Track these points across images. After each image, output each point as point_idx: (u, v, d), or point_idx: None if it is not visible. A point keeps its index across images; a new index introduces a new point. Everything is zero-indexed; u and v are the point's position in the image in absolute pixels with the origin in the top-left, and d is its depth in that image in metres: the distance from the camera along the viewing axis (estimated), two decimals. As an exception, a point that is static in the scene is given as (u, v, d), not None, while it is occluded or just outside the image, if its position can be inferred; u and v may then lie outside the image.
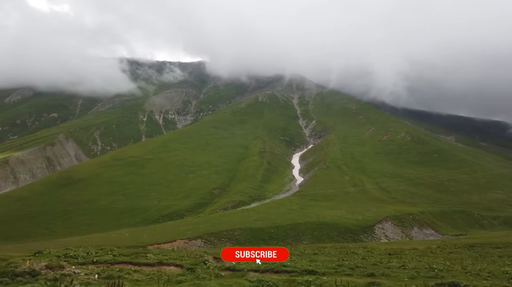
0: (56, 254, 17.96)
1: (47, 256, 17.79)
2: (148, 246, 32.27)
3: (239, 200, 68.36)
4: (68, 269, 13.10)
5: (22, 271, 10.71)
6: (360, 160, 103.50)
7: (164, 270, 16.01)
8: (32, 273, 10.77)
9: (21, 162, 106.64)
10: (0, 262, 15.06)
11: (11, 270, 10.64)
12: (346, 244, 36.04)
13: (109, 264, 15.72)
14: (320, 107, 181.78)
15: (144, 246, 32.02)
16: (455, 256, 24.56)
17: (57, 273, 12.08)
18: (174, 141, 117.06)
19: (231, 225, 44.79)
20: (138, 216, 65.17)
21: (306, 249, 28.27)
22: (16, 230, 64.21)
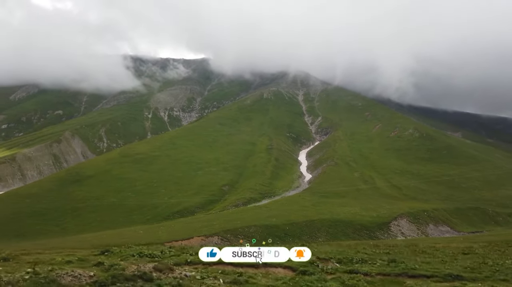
0: (129, 253, 17.05)
1: (118, 255, 16.86)
2: (166, 243, 31.74)
3: (250, 197, 67.90)
4: (178, 272, 12.02)
5: (132, 275, 9.90)
6: (369, 156, 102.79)
7: (273, 272, 14.61)
8: (143, 276, 9.94)
9: (28, 159, 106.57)
10: (83, 263, 14.24)
11: (120, 273, 9.89)
12: (377, 241, 35.29)
13: (206, 265, 14.43)
14: (325, 104, 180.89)
15: (162, 243, 31.54)
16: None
17: (169, 277, 11.11)
18: (181, 138, 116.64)
19: (245, 222, 44.32)
20: (149, 213, 64.83)
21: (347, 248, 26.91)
22: (27, 227, 63.98)
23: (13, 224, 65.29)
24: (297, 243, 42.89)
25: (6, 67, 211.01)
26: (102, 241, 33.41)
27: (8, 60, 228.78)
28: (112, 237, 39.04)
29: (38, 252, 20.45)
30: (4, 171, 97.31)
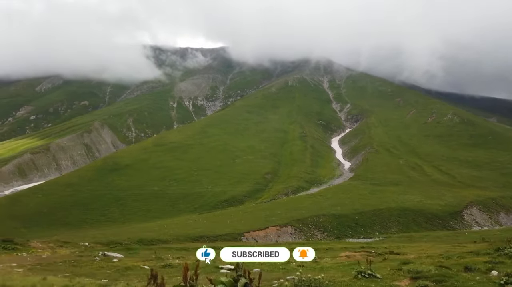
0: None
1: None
2: (245, 233, 29.60)
3: (297, 185, 65.50)
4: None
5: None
6: (409, 143, 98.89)
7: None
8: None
9: (61, 149, 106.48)
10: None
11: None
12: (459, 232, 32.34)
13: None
14: (352, 90, 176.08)
15: (242, 233, 29.38)
16: None
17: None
18: (211, 126, 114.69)
19: (310, 211, 41.99)
20: (195, 202, 63.18)
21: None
22: (72, 217, 63.25)
23: (58, 213, 64.71)
24: (369, 233, 40.42)
25: (29, 59, 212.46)
26: (177, 231, 31.46)
27: (31, 52, 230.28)
28: (177, 226, 37.19)
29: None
30: (40, 161, 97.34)
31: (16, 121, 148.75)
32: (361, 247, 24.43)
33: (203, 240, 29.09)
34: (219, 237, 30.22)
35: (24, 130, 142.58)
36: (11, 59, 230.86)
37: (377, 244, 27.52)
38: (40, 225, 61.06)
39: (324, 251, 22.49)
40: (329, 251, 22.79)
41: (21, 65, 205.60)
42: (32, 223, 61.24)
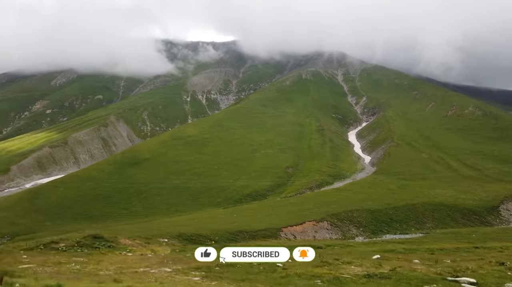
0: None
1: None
2: (283, 228, 28.71)
3: (321, 179, 64.40)
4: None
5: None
6: (430, 136, 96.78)
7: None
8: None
9: (79, 142, 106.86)
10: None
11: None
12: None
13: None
14: (367, 83, 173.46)
15: (279, 228, 28.50)
16: None
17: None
18: (227, 120, 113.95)
19: (342, 205, 40.96)
20: (217, 196, 62.58)
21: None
22: (95, 210, 63.26)
23: (80, 206, 64.77)
24: (405, 229, 39.25)
25: (42, 54, 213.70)
26: (211, 225, 30.72)
27: (43, 47, 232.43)
28: (209, 221, 36.48)
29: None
30: (58, 154, 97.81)
31: (32, 115, 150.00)
32: (413, 248, 23.09)
33: (243, 236, 28.33)
34: (258, 233, 29.41)
35: (40, 124, 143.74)
36: (25, 54, 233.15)
37: (428, 243, 26.23)
38: (63, 218, 61.20)
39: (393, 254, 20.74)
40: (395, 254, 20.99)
41: (35, 60, 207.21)
42: (55, 216, 61.42)
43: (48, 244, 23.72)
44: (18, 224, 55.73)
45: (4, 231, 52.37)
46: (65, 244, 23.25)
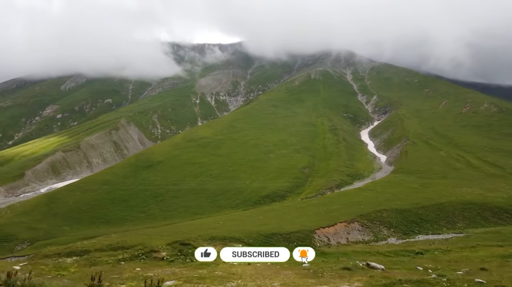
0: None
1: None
2: (316, 230, 27.83)
3: (340, 179, 63.32)
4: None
5: None
6: (446, 134, 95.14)
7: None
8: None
9: (91, 146, 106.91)
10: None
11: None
12: None
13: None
14: (377, 82, 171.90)
15: (312, 230, 27.60)
16: None
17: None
18: (239, 121, 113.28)
19: (370, 206, 39.98)
20: (235, 198, 61.84)
21: None
22: (112, 214, 62.89)
23: (97, 210, 64.47)
24: (436, 229, 38.11)
25: (50, 59, 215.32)
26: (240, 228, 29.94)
27: (52, 52, 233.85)
28: (236, 223, 35.66)
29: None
30: (71, 158, 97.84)
31: (43, 120, 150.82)
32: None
33: (277, 238, 27.51)
34: (292, 235, 28.55)
35: (51, 129, 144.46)
36: (33, 60, 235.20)
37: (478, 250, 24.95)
38: (81, 222, 60.96)
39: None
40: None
41: (44, 65, 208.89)
42: (73, 220, 61.19)
43: (149, 253, 21.90)
44: (37, 229, 55.57)
45: (23, 236, 52.17)
46: (167, 253, 21.61)
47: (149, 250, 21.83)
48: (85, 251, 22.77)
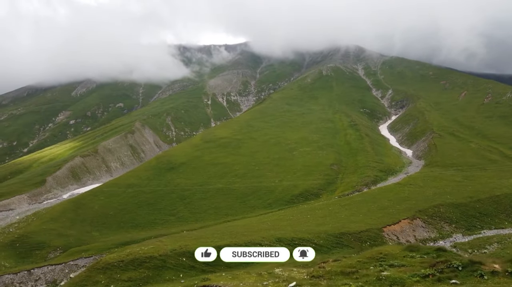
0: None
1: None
2: (383, 228, 25.99)
3: (374, 175, 61.34)
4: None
5: None
6: (472, 126, 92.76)
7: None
8: None
9: (108, 150, 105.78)
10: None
11: None
12: None
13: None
14: (390, 76, 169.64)
15: (380, 228, 25.75)
16: None
17: None
18: (256, 120, 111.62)
19: (421, 201, 38.00)
20: (266, 197, 60.10)
21: None
22: (140, 218, 61.45)
23: (124, 214, 63.05)
24: (498, 223, 36.09)
25: (59, 66, 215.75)
26: (299, 227, 28.16)
27: (60, 59, 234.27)
28: (283, 223, 33.88)
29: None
30: (90, 163, 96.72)
31: (56, 126, 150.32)
32: None
33: (347, 238, 25.81)
34: (362, 234, 26.82)
35: (65, 135, 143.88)
36: (42, 67, 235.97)
37: None
38: (109, 227, 59.58)
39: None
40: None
41: (53, 72, 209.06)
42: (101, 226, 59.84)
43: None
44: (67, 235, 54.25)
45: (55, 244, 50.86)
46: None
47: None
48: (150, 258, 21.13)
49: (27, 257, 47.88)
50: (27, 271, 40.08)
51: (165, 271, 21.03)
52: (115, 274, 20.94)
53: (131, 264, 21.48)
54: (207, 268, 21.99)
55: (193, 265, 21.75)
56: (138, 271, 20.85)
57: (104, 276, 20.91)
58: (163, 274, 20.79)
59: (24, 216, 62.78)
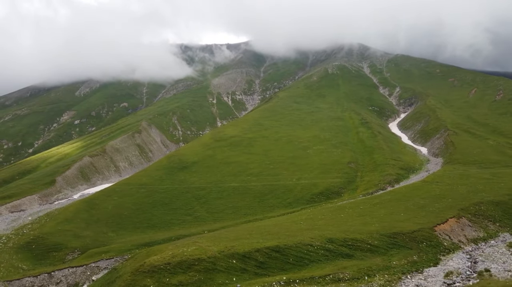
0: None
1: None
2: (435, 227, 24.68)
3: (396, 173, 60.06)
4: None
5: None
6: (486, 123, 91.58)
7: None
8: None
9: (116, 150, 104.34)
10: None
11: None
12: None
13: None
14: (397, 74, 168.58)
15: (431, 228, 24.46)
16: None
17: None
18: (265, 119, 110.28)
19: (459, 199, 36.67)
20: (285, 196, 58.78)
21: None
22: (156, 218, 60.07)
23: (139, 215, 61.68)
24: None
25: (62, 66, 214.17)
26: (337, 228, 26.80)
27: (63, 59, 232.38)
28: (317, 223, 32.53)
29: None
30: (99, 163, 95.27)
31: (61, 126, 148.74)
32: None
33: (402, 238, 24.56)
34: (416, 234, 25.51)
35: (70, 135, 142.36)
36: (44, 67, 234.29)
37: None
38: (125, 228, 58.20)
39: None
40: None
41: (55, 72, 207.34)
42: (117, 226, 58.45)
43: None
44: (83, 236, 52.87)
45: (73, 245, 49.46)
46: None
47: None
48: (198, 260, 19.75)
49: (44, 259, 46.48)
50: (47, 274, 38.69)
51: (216, 275, 19.58)
52: (164, 278, 19.45)
53: (179, 267, 20.05)
54: (260, 270, 20.60)
55: (244, 268, 20.42)
56: (188, 275, 19.39)
57: (152, 280, 19.43)
58: (215, 278, 19.34)
59: (37, 217, 61.36)
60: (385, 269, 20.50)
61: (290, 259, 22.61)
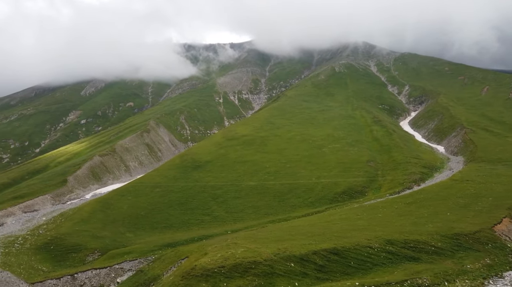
0: None
1: None
2: (493, 227, 23.29)
3: (420, 172, 58.65)
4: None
5: None
6: (503, 120, 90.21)
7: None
8: None
9: (126, 150, 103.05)
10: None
11: None
12: None
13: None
14: (405, 72, 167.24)
15: (490, 228, 23.10)
16: None
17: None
18: (276, 117, 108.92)
19: (499, 199, 35.16)
20: (306, 195, 57.39)
21: None
22: (173, 218, 58.71)
23: (155, 214, 60.35)
24: None
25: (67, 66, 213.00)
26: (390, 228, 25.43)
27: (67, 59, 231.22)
28: (357, 223, 31.16)
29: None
30: (109, 163, 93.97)
31: (67, 126, 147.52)
32: None
33: (465, 239, 23.30)
34: (478, 235, 24.20)
35: (77, 135, 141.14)
36: (47, 67, 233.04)
37: None
38: (143, 228, 56.87)
39: None
40: None
41: (59, 72, 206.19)
42: (134, 227, 57.13)
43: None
44: (101, 237, 51.53)
45: (92, 246, 48.09)
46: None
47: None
48: (254, 263, 18.37)
49: (63, 261, 45.13)
50: (70, 276, 37.34)
51: (276, 279, 18.14)
52: (220, 283, 18.00)
53: (234, 270, 18.63)
54: (321, 275, 19.21)
55: (304, 272, 19.04)
56: (246, 279, 17.95)
57: (207, 284, 17.96)
58: (276, 283, 17.91)
59: (51, 217, 60.03)
60: (463, 274, 19.19)
61: (351, 263, 21.30)
